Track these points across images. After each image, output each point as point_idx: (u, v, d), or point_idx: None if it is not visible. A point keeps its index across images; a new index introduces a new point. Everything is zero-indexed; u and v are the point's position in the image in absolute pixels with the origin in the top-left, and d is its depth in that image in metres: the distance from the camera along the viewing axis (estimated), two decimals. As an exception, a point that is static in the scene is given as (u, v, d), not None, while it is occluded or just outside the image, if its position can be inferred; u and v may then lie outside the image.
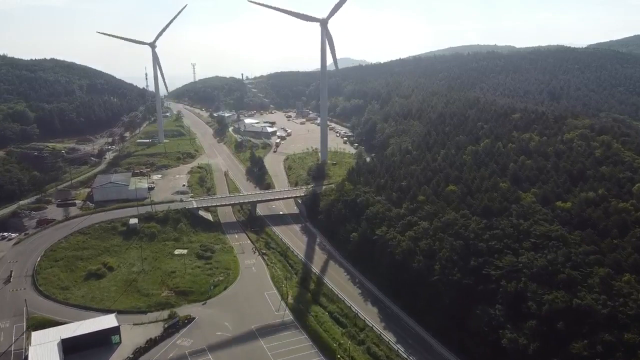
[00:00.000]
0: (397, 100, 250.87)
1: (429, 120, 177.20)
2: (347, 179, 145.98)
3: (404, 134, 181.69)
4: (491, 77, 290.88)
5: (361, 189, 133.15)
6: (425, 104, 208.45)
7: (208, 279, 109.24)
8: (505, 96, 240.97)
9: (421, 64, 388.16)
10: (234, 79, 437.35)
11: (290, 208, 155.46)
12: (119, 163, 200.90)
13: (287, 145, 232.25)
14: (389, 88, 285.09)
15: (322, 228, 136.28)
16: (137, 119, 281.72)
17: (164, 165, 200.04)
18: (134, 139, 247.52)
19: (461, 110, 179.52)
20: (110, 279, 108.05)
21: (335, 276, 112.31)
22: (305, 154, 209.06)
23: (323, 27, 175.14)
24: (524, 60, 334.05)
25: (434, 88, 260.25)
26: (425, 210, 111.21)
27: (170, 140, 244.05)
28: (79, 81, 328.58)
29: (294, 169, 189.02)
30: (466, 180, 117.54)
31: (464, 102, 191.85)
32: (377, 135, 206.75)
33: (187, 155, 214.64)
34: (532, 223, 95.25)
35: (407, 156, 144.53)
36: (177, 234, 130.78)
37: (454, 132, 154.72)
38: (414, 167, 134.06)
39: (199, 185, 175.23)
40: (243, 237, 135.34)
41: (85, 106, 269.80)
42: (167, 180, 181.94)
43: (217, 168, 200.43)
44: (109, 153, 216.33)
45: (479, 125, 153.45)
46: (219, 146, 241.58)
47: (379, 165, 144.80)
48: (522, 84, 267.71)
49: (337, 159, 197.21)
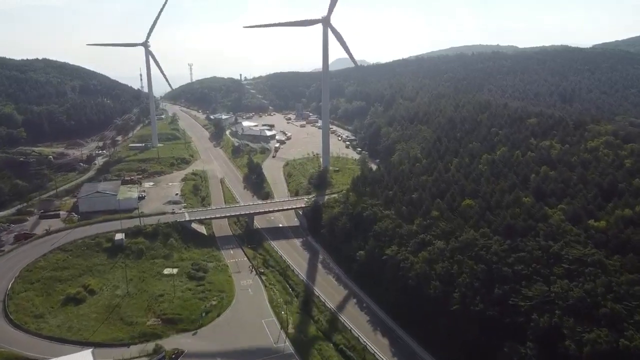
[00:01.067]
0: (402, 102, 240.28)
1: (438, 125, 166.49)
2: (352, 189, 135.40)
3: (411, 140, 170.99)
4: (498, 79, 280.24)
5: (367, 202, 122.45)
6: (432, 107, 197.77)
7: (200, 303, 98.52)
8: (514, 98, 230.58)
9: (424, 65, 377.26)
10: (232, 79, 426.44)
11: (290, 220, 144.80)
12: (109, 169, 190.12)
13: (286, 150, 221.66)
14: (392, 90, 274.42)
15: (324, 243, 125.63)
16: (131, 122, 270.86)
17: (157, 172, 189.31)
18: (127, 143, 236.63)
19: (472, 114, 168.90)
20: (91, 304, 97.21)
21: (340, 300, 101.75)
22: (306, 159, 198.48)
23: (326, 25, 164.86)
24: (531, 60, 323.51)
25: (440, 90, 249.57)
26: (440, 227, 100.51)
27: (165, 145, 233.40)
28: (71, 82, 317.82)
29: (294, 176, 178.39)
30: (484, 193, 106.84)
31: (475, 106, 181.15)
32: (381, 140, 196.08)
33: (181, 161, 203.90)
34: (563, 245, 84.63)
35: (417, 165, 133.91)
36: (167, 251, 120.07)
37: (466, 139, 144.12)
38: (424, 177, 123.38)
39: (192, 194, 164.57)
40: (239, 253, 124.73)
41: (77, 108, 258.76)
42: (159, 188, 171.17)
43: (213, 175, 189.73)
44: (99, 158, 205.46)
45: (493, 132, 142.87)
46: (215, 151, 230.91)
47: (387, 175, 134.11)
48: (531, 86, 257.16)
49: (340, 165, 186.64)
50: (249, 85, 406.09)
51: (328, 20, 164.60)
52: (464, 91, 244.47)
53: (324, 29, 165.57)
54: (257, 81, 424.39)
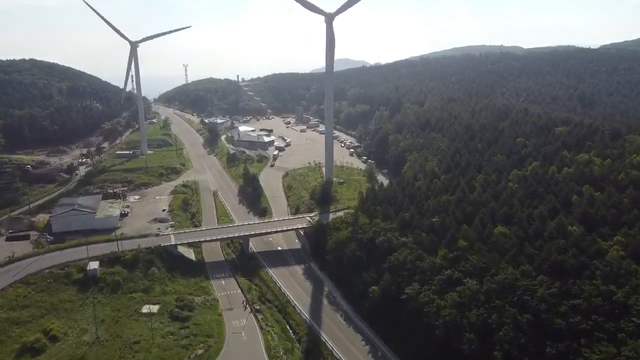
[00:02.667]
0: (409, 107, 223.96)
1: (455, 134, 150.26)
2: (361, 208, 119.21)
3: (424, 150, 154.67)
4: (510, 81, 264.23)
5: (380, 225, 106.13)
6: (445, 112, 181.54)
7: (182, 353, 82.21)
8: (531, 102, 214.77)
9: (429, 66, 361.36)
10: (228, 81, 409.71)
11: (290, 241, 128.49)
12: (91, 181, 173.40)
13: (286, 158, 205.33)
14: (398, 93, 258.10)
15: (330, 273, 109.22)
16: (120, 127, 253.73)
17: (144, 184, 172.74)
18: (114, 150, 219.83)
19: (491, 121, 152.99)
20: (51, 356, 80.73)
21: (350, 346, 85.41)
22: (307, 169, 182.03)
23: (329, 22, 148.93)
24: (543, 61, 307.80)
25: (450, 93, 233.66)
26: (470, 262, 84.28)
27: (155, 152, 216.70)
28: (58, 84, 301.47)
29: (295, 189, 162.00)
30: (519, 219, 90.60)
31: (492, 112, 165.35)
32: (389, 148, 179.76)
33: (171, 171, 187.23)
34: (630, 291, 68.46)
35: (435, 181, 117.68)
36: (148, 282, 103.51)
37: (488, 150, 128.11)
38: (445, 197, 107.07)
39: (182, 209, 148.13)
40: (232, 284, 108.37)
41: (61, 112, 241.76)
42: (146, 202, 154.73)
43: (206, 187, 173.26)
44: (82, 168, 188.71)
45: (519, 142, 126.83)
46: (209, 159, 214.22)
47: (400, 193, 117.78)
48: (546, 89, 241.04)
49: (344, 176, 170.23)
50: (246, 87, 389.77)
51: (332, 19, 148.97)
52: (475, 94, 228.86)
53: (327, 26, 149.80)
54: (255, 83, 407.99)
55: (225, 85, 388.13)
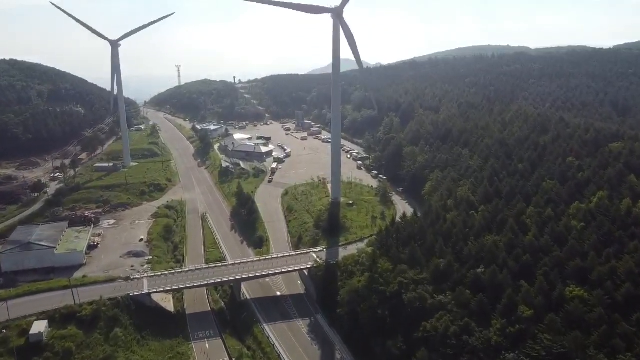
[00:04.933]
0: (423, 113, 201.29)
1: (486, 150, 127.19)
2: (379, 246, 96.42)
3: (448, 167, 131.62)
4: (531, 84, 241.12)
5: (407, 274, 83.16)
6: (470, 122, 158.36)
7: None
8: (559, 109, 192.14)
9: (438, 68, 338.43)
10: (224, 82, 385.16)
11: (292, 284, 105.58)
12: (61, 201, 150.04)
13: (285, 172, 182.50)
14: (409, 97, 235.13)
15: (343, 332, 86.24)
16: (103, 134, 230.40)
17: (122, 204, 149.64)
18: (94, 161, 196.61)
19: (527, 134, 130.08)
20: None
21: None
22: (310, 186, 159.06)
23: (336, 18, 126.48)
24: (563, 63, 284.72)
25: (468, 98, 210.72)
26: (542, 343, 61.38)
27: (139, 164, 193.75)
28: (38, 86, 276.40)
29: (297, 212, 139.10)
30: (600, 277, 67.82)
31: (525, 122, 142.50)
32: (405, 162, 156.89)
33: (155, 188, 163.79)
34: None
35: (472, 213, 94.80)
36: (110, 348, 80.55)
37: (534, 173, 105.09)
38: (490, 237, 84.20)
39: (163, 238, 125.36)
40: (218, 347, 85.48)
41: (37, 118, 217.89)
42: (121, 229, 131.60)
43: (193, 208, 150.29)
44: (53, 184, 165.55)
45: (571, 163, 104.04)
46: (200, 172, 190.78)
47: (429, 228, 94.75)
48: (573, 93, 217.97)
49: (354, 195, 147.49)
50: (243, 90, 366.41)
51: (340, 13, 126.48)
52: (495, 100, 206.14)
53: (334, 22, 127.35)
54: (253, 84, 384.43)
55: (221, 88, 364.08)
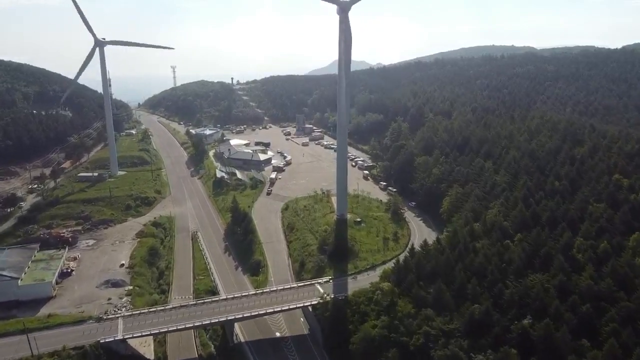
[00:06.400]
0: (433, 118, 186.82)
1: (514, 164, 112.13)
2: (397, 281, 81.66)
3: (470, 183, 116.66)
4: (547, 87, 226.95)
5: (435, 322, 68.35)
6: (490, 130, 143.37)
7: None
8: (582, 114, 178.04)
9: (446, 69, 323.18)
10: (222, 84, 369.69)
11: (294, 323, 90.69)
12: (36, 217, 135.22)
13: (285, 182, 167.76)
14: (417, 100, 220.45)
15: (356, 390, 71.61)
16: (90, 140, 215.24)
17: (104, 221, 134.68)
18: (78, 170, 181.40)
19: (558, 145, 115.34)
20: None
21: None
22: (313, 200, 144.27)
23: (343, 12, 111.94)
24: (578, 64, 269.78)
25: (482, 102, 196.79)
26: None
27: (127, 173, 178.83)
28: (25, 88, 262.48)
29: (298, 231, 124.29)
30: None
31: (554, 130, 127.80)
32: (417, 174, 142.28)
33: (142, 202, 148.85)
34: None
35: (507, 243, 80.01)
36: (72, 415, 65.80)
37: (575, 194, 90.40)
38: (535, 277, 69.41)
39: (147, 263, 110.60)
40: (205, 410, 70.64)
41: (19, 123, 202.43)
42: (100, 251, 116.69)
43: (183, 225, 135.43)
44: (31, 197, 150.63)
45: (619, 182, 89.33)
46: (192, 182, 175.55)
47: (457, 262, 79.84)
48: (594, 96, 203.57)
49: (361, 210, 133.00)
50: (241, 91, 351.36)
51: (347, 8, 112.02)
52: (511, 104, 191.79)
53: (341, 18, 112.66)
54: (251, 86, 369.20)
55: (218, 89, 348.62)
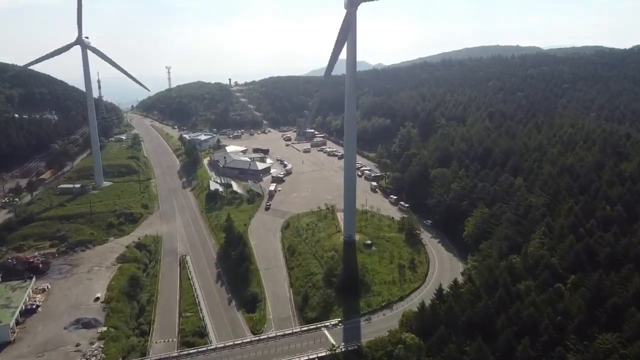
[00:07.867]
0: (446, 124, 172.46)
1: (552, 182, 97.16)
2: (423, 335, 66.81)
3: (498, 202, 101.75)
4: (565, 89, 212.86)
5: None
6: (514, 140, 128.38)
7: None
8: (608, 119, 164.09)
9: (453, 70, 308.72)
10: (219, 85, 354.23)
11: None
12: (6, 238, 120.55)
13: (286, 194, 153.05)
14: (427, 104, 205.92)
15: None
16: (76, 146, 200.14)
17: (82, 242, 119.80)
18: (60, 181, 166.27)
19: (599, 159, 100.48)
20: None
21: None
22: (316, 216, 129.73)
23: (352, 7, 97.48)
24: (595, 65, 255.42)
25: (497, 106, 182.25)
26: None
27: (113, 184, 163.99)
28: (9, 90, 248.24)
29: (300, 255, 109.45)
30: None
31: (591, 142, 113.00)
32: (433, 189, 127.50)
33: (126, 219, 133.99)
34: None
35: (558, 287, 65.12)
36: None
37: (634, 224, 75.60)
38: (604, 340, 54.58)
39: (126, 296, 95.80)
40: None
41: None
42: (74, 282, 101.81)
43: (171, 247, 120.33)
44: (3, 213, 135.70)
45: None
46: (184, 195, 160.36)
47: (500, 315, 64.88)
48: (619, 100, 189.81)
49: (371, 230, 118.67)
50: (239, 93, 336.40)
51: (357, 2, 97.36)
52: (529, 109, 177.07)
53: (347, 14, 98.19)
54: (249, 87, 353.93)
55: (215, 90, 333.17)
